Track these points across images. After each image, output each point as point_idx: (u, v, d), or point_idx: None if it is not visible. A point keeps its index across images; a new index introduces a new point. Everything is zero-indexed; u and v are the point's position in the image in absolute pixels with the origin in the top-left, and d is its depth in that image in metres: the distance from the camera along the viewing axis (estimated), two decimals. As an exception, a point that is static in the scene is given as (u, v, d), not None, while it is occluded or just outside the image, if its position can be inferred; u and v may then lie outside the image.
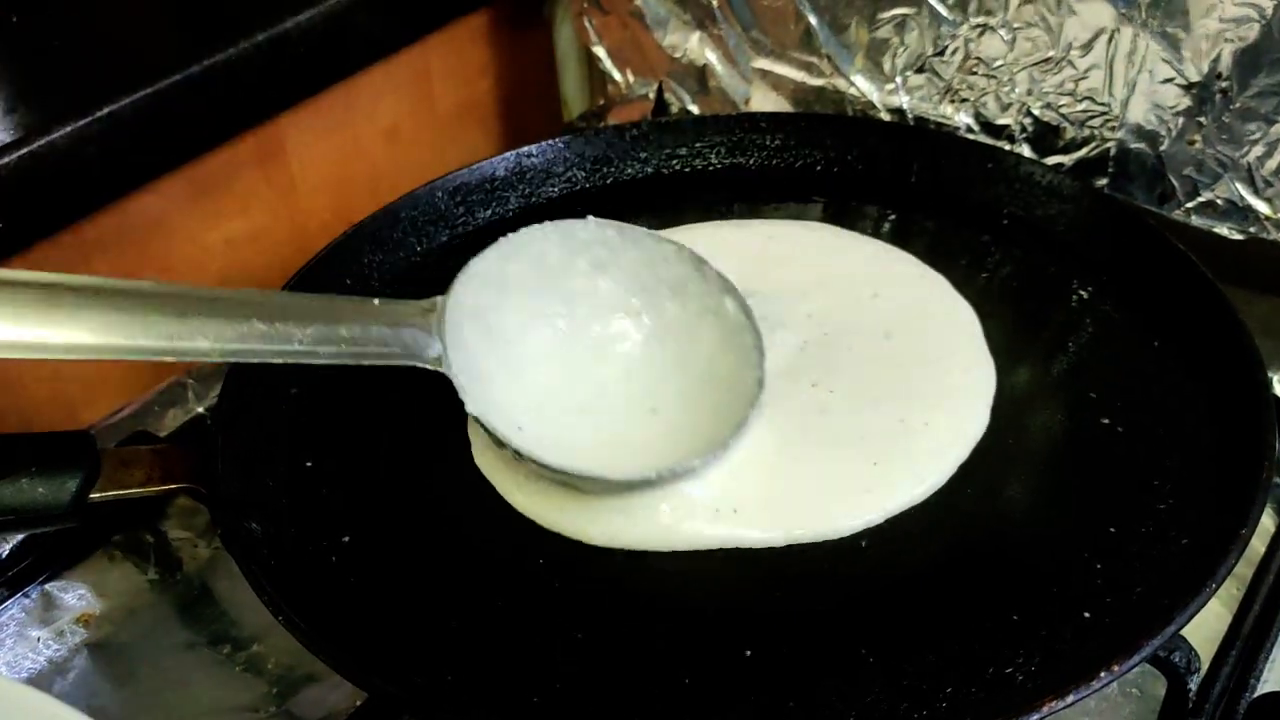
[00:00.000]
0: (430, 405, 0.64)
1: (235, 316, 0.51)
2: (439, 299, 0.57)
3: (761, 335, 0.60)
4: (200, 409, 0.76)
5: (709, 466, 0.57)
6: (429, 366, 0.55)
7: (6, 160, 0.67)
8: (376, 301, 0.56)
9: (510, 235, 0.60)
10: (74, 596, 0.66)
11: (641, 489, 0.56)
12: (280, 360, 0.53)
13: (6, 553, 0.66)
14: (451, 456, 0.62)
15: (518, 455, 0.55)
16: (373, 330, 0.54)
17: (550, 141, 0.81)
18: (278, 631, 0.52)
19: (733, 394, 0.59)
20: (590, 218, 0.61)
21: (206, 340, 0.50)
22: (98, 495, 0.55)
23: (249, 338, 0.51)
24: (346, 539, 0.58)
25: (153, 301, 0.50)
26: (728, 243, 0.70)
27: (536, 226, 0.61)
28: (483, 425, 0.56)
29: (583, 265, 0.61)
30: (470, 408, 0.55)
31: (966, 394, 0.63)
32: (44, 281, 0.48)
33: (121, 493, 0.56)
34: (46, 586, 0.67)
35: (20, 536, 0.66)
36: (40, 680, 0.62)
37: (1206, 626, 0.56)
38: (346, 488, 0.61)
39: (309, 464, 0.62)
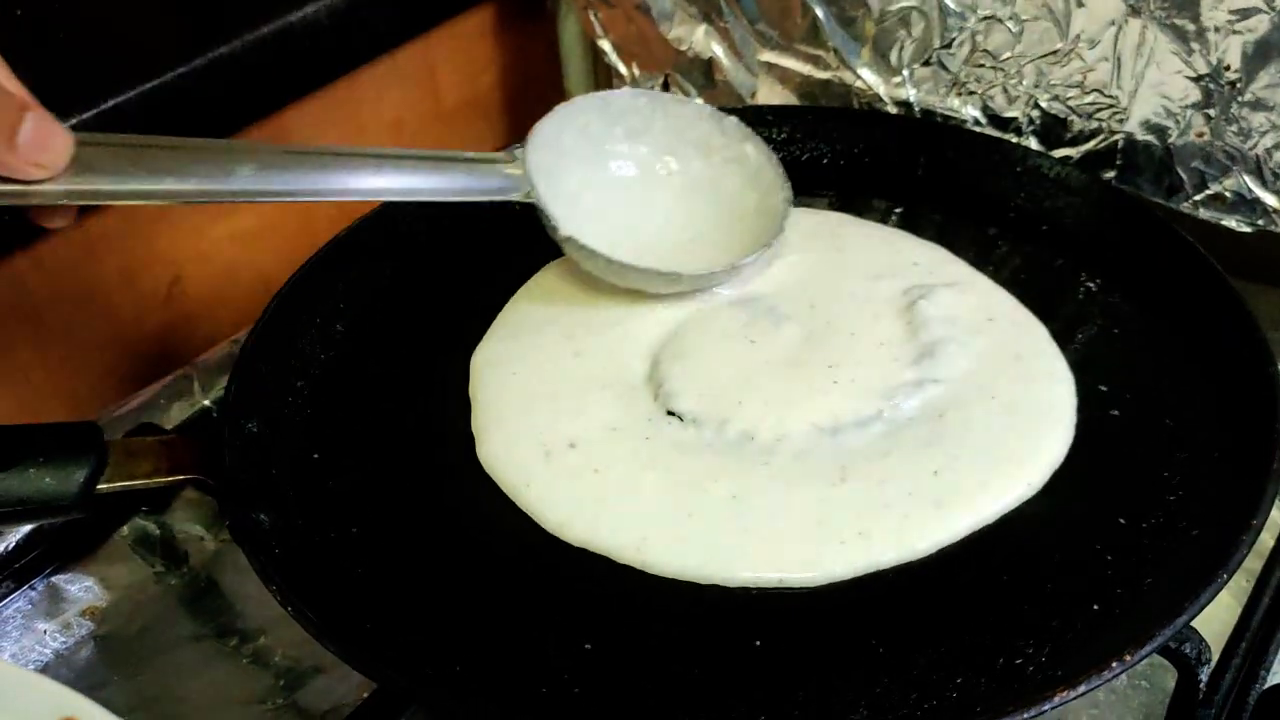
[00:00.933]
0: (436, 397, 0.65)
1: (369, 166, 0.62)
2: (517, 149, 0.66)
3: (780, 165, 0.71)
4: (206, 401, 0.75)
5: (760, 264, 0.68)
6: (521, 199, 0.65)
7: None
8: (462, 153, 0.65)
9: (560, 106, 0.69)
10: (80, 589, 0.66)
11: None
12: (406, 199, 0.66)
13: (13, 545, 0.66)
14: (459, 449, 0.61)
15: (606, 265, 0.65)
16: (471, 174, 0.65)
17: (556, 134, 0.81)
18: (284, 623, 0.52)
19: (763, 217, 0.70)
20: (625, 88, 0.75)
21: (367, 181, 0.61)
22: (105, 486, 0.55)
23: (390, 178, 0.62)
24: (354, 530, 0.58)
25: (293, 156, 0.60)
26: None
27: (581, 98, 0.71)
28: (576, 245, 0.65)
29: (619, 133, 0.71)
30: (563, 229, 0.65)
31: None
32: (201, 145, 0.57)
33: (129, 483, 0.56)
34: (53, 579, 0.66)
35: (27, 529, 0.66)
36: (47, 672, 0.62)
37: (1216, 618, 0.56)
38: (354, 479, 0.61)
39: (316, 455, 0.62)
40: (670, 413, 0.61)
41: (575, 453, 0.59)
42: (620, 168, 0.71)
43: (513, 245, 0.71)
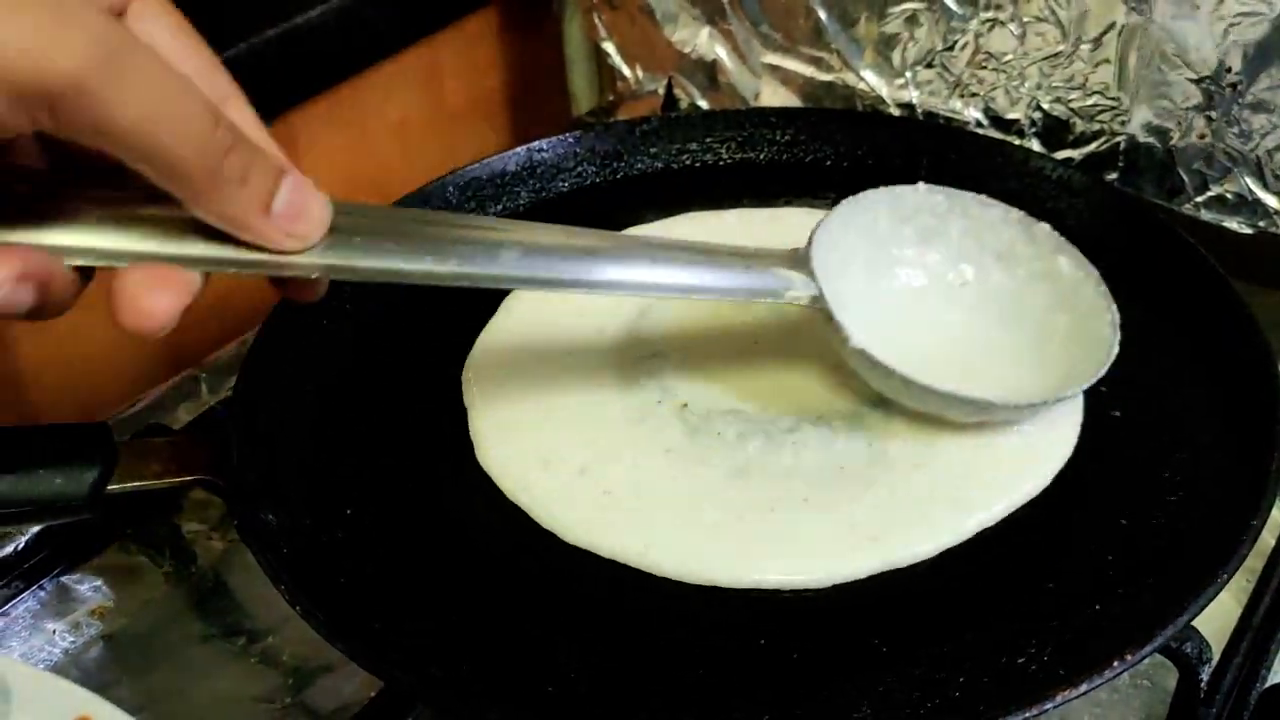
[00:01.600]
0: (444, 398, 0.65)
1: (640, 258, 0.55)
2: (800, 248, 0.58)
3: (1104, 285, 0.61)
4: (213, 402, 0.76)
5: (1066, 402, 0.59)
6: (803, 304, 0.57)
7: (21, 156, 0.67)
8: (749, 250, 0.58)
9: (848, 200, 0.62)
10: (89, 589, 0.67)
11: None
12: (675, 295, 0.58)
13: (22, 545, 0.66)
14: (466, 450, 0.62)
15: (904, 385, 0.57)
16: (754, 269, 0.57)
17: (561, 137, 0.81)
18: (292, 623, 0.52)
19: (1076, 344, 0.60)
20: (920, 184, 0.64)
21: (605, 274, 0.53)
22: (115, 487, 0.55)
23: (661, 271, 0.55)
24: (362, 530, 0.58)
25: (562, 239, 0.54)
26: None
27: (871, 192, 0.62)
28: (869, 360, 0.57)
29: (909, 234, 0.64)
30: (854, 342, 0.57)
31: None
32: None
33: (139, 484, 0.56)
34: (62, 579, 0.67)
35: (36, 529, 0.66)
36: (56, 672, 0.62)
37: (1217, 618, 0.56)
38: (361, 480, 0.61)
39: (324, 455, 0.62)
40: (675, 408, 0.61)
41: (574, 457, 0.59)
42: (908, 276, 0.64)
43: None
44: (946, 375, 0.57)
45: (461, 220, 0.54)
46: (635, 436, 0.60)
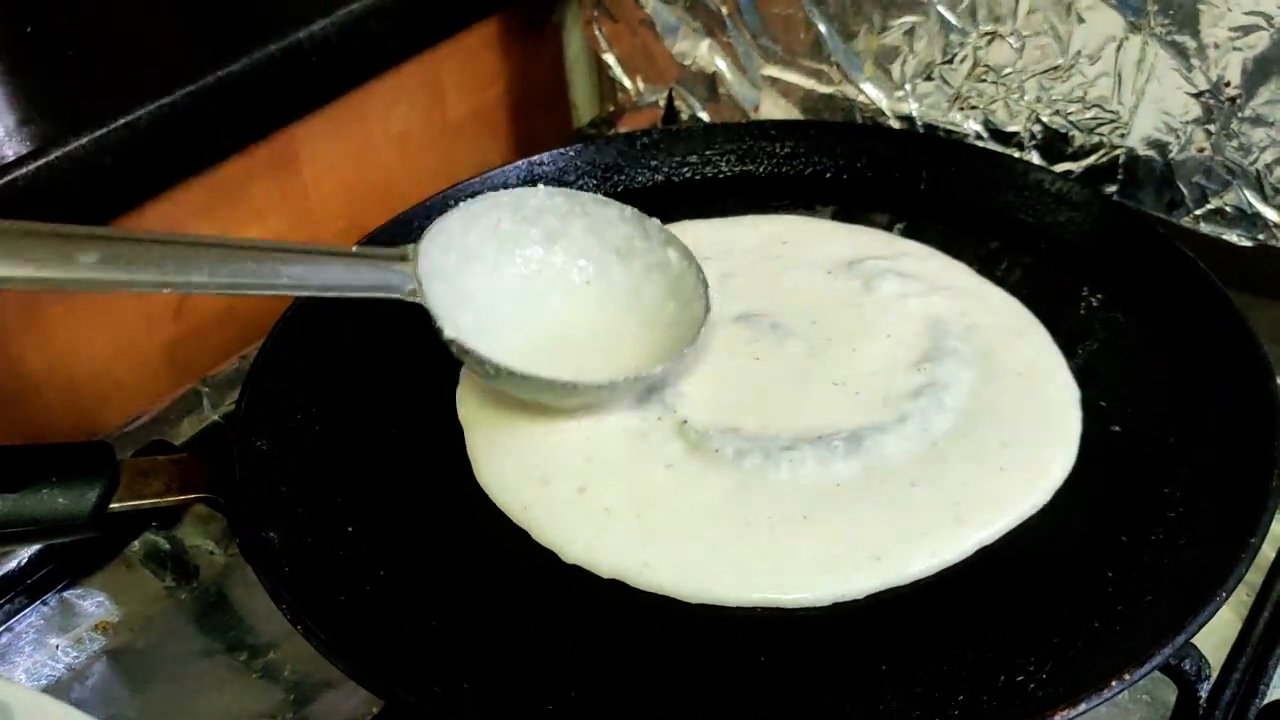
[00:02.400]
0: (445, 415, 0.65)
1: (230, 255, 0.55)
2: (410, 246, 0.61)
3: (704, 273, 0.65)
4: (216, 417, 0.76)
5: (666, 373, 0.62)
6: (406, 298, 0.59)
7: (24, 171, 0.68)
8: (354, 249, 0.61)
9: (469, 202, 0.65)
10: (92, 604, 0.67)
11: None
12: (269, 293, 0.57)
13: (25, 561, 0.66)
14: (466, 468, 0.62)
15: (494, 372, 0.60)
16: (358, 269, 0.59)
17: (561, 150, 0.82)
18: (294, 639, 0.52)
19: (678, 327, 0.65)
20: (541, 186, 0.67)
21: (201, 275, 0.54)
22: (117, 505, 0.56)
23: (241, 273, 0.55)
24: (363, 547, 0.58)
25: (153, 245, 0.53)
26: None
27: (492, 195, 0.66)
28: (461, 349, 0.59)
29: (535, 234, 0.67)
30: (448, 332, 0.59)
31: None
32: (48, 230, 0.52)
33: (141, 503, 0.57)
34: (65, 594, 0.67)
35: (39, 545, 0.66)
36: (59, 687, 0.63)
37: (1216, 633, 0.56)
38: (362, 497, 0.61)
39: (325, 473, 0.62)
40: (674, 425, 0.62)
41: (572, 475, 0.60)
42: (530, 272, 0.67)
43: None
44: (570, 365, 0.61)
45: (45, 228, 0.51)
46: (634, 453, 0.60)
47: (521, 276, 0.66)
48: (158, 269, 0.52)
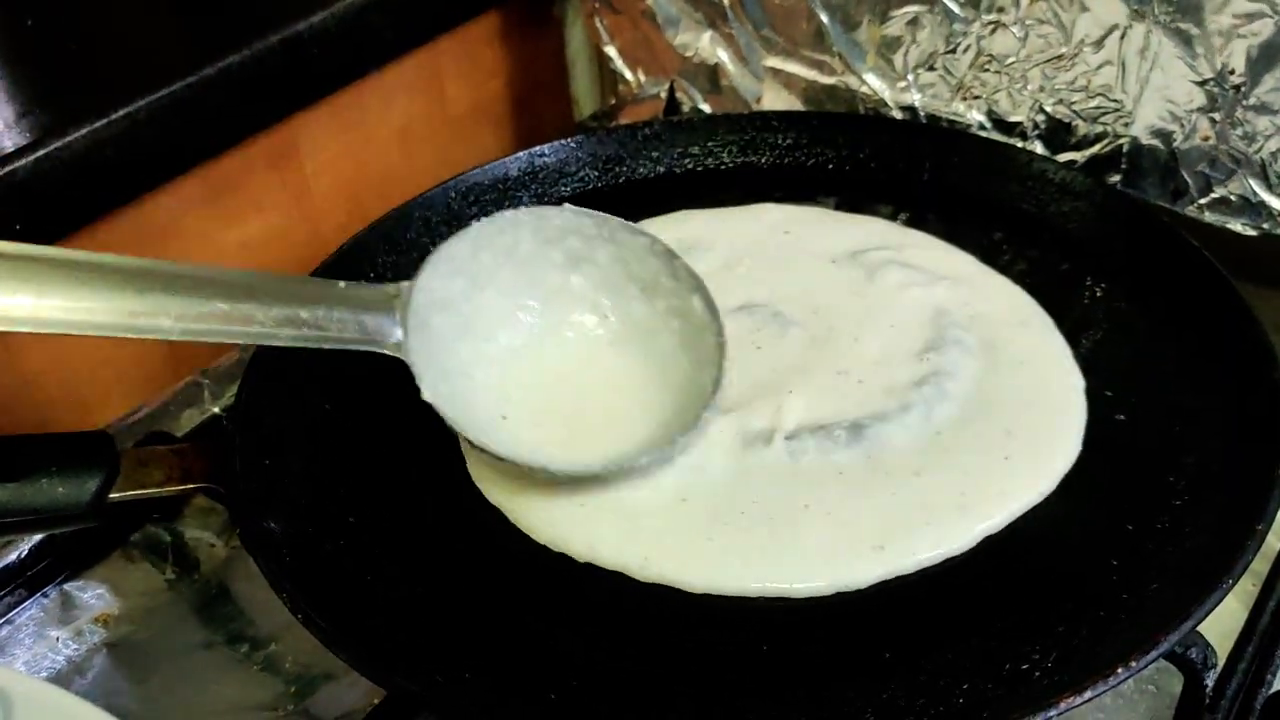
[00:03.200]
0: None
1: (197, 295, 0.51)
2: (405, 285, 0.56)
3: (724, 336, 0.60)
4: (216, 409, 0.76)
5: (655, 465, 0.57)
6: (389, 353, 0.55)
7: (23, 163, 0.68)
8: (341, 285, 0.56)
9: (483, 220, 0.59)
10: (92, 596, 0.67)
11: (597, 482, 0.57)
12: (241, 340, 0.53)
13: (25, 553, 0.67)
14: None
15: (474, 445, 0.56)
16: (335, 314, 0.54)
17: (563, 141, 0.81)
18: (295, 630, 0.52)
19: (686, 396, 0.59)
20: (566, 206, 0.62)
21: (168, 319, 0.50)
22: (117, 495, 0.56)
23: (209, 318, 0.51)
24: (364, 538, 0.58)
25: (114, 278, 0.50)
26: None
27: (510, 212, 0.60)
28: (440, 413, 0.56)
29: (557, 258, 0.62)
30: (426, 395, 0.55)
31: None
32: (5, 253, 0.48)
33: (141, 492, 0.56)
34: (65, 586, 0.67)
35: (39, 537, 0.66)
36: (59, 679, 0.63)
37: (1222, 623, 0.56)
38: (364, 487, 0.61)
39: (326, 464, 0.62)
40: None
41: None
42: (545, 306, 0.62)
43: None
44: (564, 427, 0.57)
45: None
46: None
47: (534, 307, 0.62)
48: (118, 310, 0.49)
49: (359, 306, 0.55)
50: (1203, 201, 0.75)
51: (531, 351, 0.61)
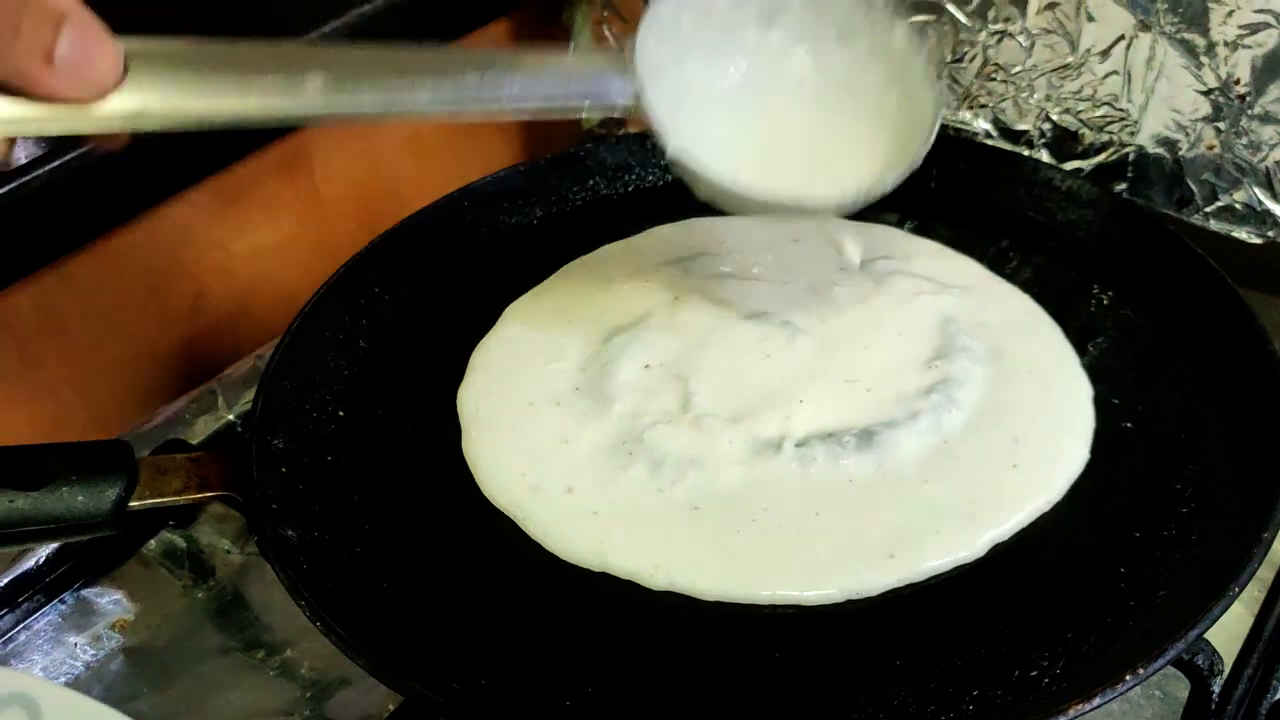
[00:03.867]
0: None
1: (452, 71, 0.53)
2: (628, 47, 0.56)
3: (931, 61, 0.61)
4: (231, 416, 0.76)
5: (894, 185, 0.59)
6: (620, 113, 0.56)
7: (38, 173, 0.68)
8: (570, 56, 0.58)
9: None
10: (109, 602, 0.67)
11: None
12: (485, 112, 0.56)
13: (43, 559, 0.67)
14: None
15: (718, 190, 0.57)
16: (572, 84, 0.55)
17: (572, 150, 0.82)
18: (311, 636, 0.53)
19: (902, 127, 0.61)
20: None
21: (426, 93, 0.52)
22: (136, 504, 0.56)
23: (465, 88, 0.53)
24: (380, 545, 0.59)
25: (374, 63, 0.52)
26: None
27: None
28: (679, 166, 0.57)
29: (750, 13, 0.62)
30: (672, 144, 0.56)
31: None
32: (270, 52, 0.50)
33: (159, 501, 0.57)
34: (82, 592, 0.68)
35: (58, 544, 0.67)
36: (77, 685, 0.64)
37: (1229, 629, 0.56)
38: (379, 494, 0.61)
39: (342, 470, 0.63)
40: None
41: (563, 477, 0.60)
42: (745, 65, 0.62)
43: (538, 249, 0.72)
44: (783, 168, 0.58)
45: (269, 49, 0.50)
46: (642, 455, 0.60)
47: (737, 69, 0.62)
48: (382, 92, 0.50)
49: (590, 70, 0.56)
50: (1208, 210, 0.76)
51: (741, 117, 0.62)
